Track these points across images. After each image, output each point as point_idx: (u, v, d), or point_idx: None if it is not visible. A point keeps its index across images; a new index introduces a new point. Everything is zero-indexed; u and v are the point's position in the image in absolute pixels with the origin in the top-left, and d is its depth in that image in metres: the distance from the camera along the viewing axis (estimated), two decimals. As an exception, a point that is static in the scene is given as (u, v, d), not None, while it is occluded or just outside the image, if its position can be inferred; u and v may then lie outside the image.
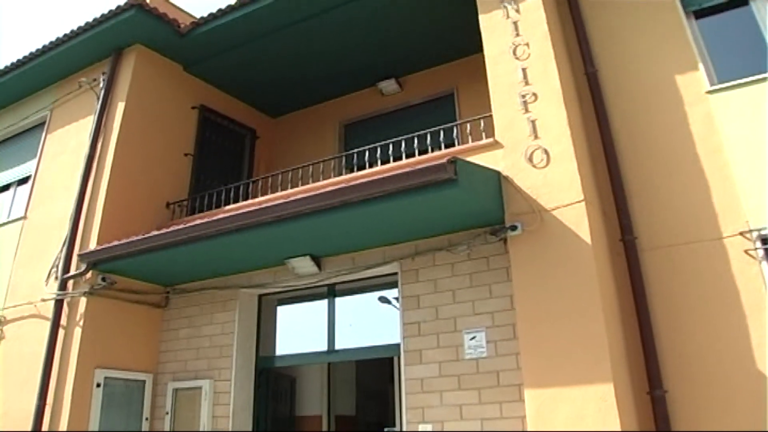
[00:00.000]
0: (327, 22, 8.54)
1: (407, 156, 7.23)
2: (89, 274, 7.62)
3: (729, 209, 5.79)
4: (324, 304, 7.63)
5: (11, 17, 28.20)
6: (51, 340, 7.47)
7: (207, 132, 9.84)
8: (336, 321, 7.49)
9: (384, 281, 7.13)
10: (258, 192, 8.69)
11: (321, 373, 10.20)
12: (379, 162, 7.38)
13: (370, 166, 7.54)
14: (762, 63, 6.18)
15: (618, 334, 5.51)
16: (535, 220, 5.70)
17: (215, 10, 8.63)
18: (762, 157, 5.77)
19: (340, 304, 7.56)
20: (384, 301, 7.34)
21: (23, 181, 9.77)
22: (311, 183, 7.56)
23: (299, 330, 8.03)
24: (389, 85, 9.88)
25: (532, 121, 6.07)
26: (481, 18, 6.93)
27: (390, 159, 7.27)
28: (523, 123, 6.12)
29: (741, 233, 5.66)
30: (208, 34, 8.82)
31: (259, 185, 8.83)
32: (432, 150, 7.11)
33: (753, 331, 5.34)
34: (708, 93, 6.28)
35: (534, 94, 6.18)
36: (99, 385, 7.39)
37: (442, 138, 7.19)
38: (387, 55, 9.43)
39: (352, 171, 8.23)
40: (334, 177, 7.65)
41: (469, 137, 7.05)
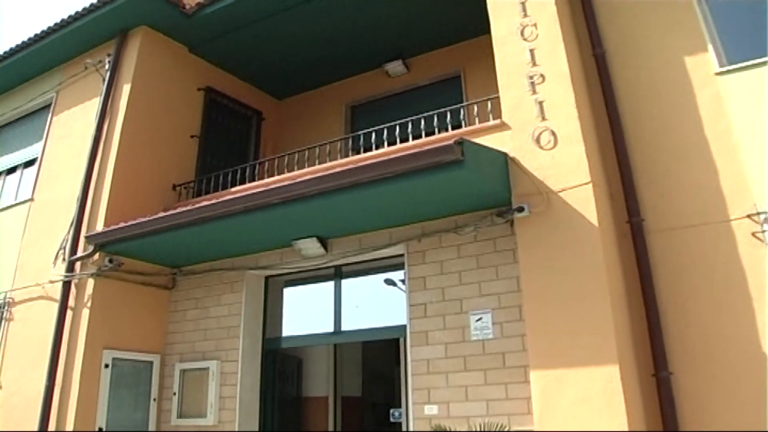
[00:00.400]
0: (333, 2, 8.49)
1: (414, 138, 7.20)
2: (96, 255, 7.67)
3: (737, 192, 5.75)
4: (330, 285, 7.66)
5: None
6: (59, 321, 7.53)
7: (213, 114, 9.83)
8: (342, 302, 7.53)
9: (390, 263, 7.15)
10: (264, 174, 8.69)
11: (327, 355, 10.25)
12: (386, 144, 7.37)
13: (376, 147, 7.53)
14: (772, 44, 6.11)
15: (624, 316, 5.51)
16: (542, 201, 5.68)
17: (221, -10, 8.57)
18: (771, 139, 5.72)
19: (346, 285, 7.60)
20: (390, 284, 7.36)
21: (30, 164, 9.80)
22: (318, 165, 7.55)
23: (306, 311, 8.09)
24: (396, 67, 9.82)
25: (539, 103, 6.03)
26: (489, -2, 6.86)
27: (396, 141, 7.24)
28: (531, 104, 6.07)
29: (748, 216, 5.63)
30: (213, 14, 8.78)
31: (266, 167, 8.82)
32: (439, 131, 7.09)
33: (759, 314, 5.34)
34: (717, 74, 6.21)
35: (542, 75, 6.12)
36: (107, 366, 7.46)
37: (449, 119, 7.15)
38: (394, 37, 9.38)
39: (358, 153, 8.20)
40: (340, 159, 7.61)
41: (476, 119, 7.01)
